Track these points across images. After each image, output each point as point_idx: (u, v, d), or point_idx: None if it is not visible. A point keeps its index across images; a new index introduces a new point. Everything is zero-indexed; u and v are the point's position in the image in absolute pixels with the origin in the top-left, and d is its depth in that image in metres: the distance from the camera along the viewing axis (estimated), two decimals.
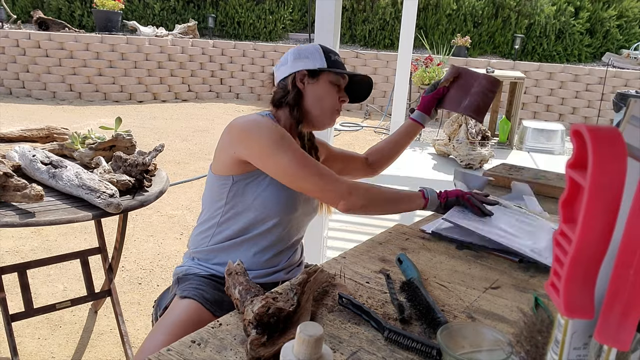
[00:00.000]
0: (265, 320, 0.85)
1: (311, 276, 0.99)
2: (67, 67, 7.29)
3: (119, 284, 2.66)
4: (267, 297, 0.89)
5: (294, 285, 0.96)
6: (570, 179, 0.37)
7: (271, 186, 1.31)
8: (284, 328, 0.88)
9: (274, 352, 0.81)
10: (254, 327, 0.84)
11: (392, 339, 0.89)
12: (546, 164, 5.27)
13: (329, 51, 1.40)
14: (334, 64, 1.38)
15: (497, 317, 1.00)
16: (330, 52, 1.40)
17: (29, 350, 2.15)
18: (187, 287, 1.34)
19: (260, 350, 0.81)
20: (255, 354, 0.80)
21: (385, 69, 7.69)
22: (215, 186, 1.35)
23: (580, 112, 7.29)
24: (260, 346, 0.81)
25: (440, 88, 1.61)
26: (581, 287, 0.35)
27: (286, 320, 0.89)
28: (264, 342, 0.82)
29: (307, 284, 0.97)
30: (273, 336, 0.85)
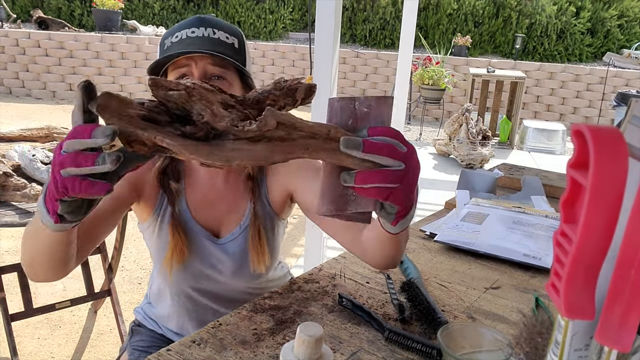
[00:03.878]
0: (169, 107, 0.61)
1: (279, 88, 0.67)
2: (66, 67, 7.28)
3: (119, 284, 2.65)
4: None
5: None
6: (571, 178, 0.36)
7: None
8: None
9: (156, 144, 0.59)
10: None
11: (392, 339, 0.89)
12: (547, 163, 5.26)
13: (166, 35, 1.05)
14: (169, 49, 1.02)
15: (498, 317, 1.00)
16: (168, 36, 1.04)
17: (29, 350, 2.15)
18: (137, 346, 1.23)
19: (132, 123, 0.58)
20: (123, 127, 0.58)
21: (386, 68, 7.69)
22: None
23: (581, 112, 7.28)
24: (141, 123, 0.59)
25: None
26: (582, 288, 0.35)
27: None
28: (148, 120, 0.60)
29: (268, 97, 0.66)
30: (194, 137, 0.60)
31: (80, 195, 0.60)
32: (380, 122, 0.67)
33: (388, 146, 0.64)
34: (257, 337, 0.91)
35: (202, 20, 1.04)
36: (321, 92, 2.67)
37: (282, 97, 0.65)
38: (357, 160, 0.64)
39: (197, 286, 1.14)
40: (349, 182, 0.64)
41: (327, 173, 0.67)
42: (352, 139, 0.63)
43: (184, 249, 1.09)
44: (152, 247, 1.15)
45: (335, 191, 0.67)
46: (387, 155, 0.64)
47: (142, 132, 0.57)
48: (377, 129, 0.65)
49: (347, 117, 0.66)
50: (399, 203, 0.67)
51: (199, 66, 1.00)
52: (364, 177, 0.64)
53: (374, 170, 0.64)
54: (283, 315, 0.97)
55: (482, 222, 1.36)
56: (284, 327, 0.93)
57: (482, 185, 1.61)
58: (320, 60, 2.64)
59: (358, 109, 0.66)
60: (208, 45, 1.00)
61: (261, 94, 0.65)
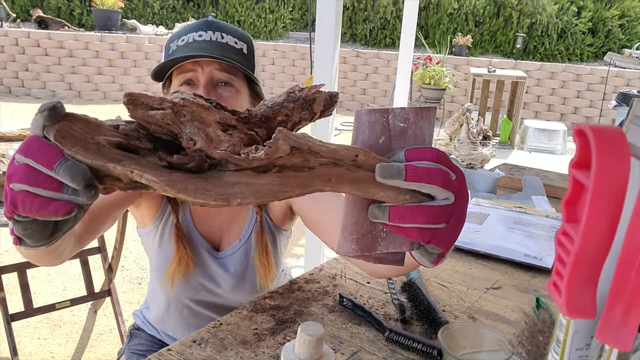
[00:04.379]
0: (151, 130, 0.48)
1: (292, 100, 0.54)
2: (66, 66, 7.28)
3: (119, 284, 2.65)
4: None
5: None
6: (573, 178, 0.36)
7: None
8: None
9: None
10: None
11: (393, 339, 0.89)
12: (548, 163, 5.26)
13: (172, 38, 1.01)
14: (174, 53, 0.97)
15: (499, 317, 0.99)
16: (173, 39, 1.00)
17: (29, 350, 2.15)
18: (136, 350, 1.21)
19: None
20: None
21: (386, 68, 7.69)
22: None
23: (582, 111, 7.28)
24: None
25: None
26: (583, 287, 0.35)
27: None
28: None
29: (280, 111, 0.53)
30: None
31: (32, 215, 0.46)
32: (420, 140, 0.53)
33: (440, 173, 0.49)
34: (257, 337, 0.91)
35: (210, 23, 1.00)
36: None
37: (297, 110, 0.53)
38: (394, 193, 0.50)
39: (196, 298, 1.11)
40: (380, 219, 0.51)
41: (351, 205, 0.54)
42: (391, 166, 0.48)
43: (189, 262, 1.05)
44: (152, 255, 1.12)
45: (361, 228, 0.53)
46: (440, 184, 0.49)
47: (114, 165, 0.44)
48: (417, 151, 0.50)
49: (377, 134, 0.52)
50: (444, 246, 0.53)
51: (205, 72, 0.95)
52: (402, 214, 0.50)
53: (415, 206, 0.50)
54: (284, 315, 0.97)
55: (483, 222, 1.36)
56: (284, 327, 0.93)
57: (483, 185, 1.61)
58: (320, 60, 2.64)
59: (392, 124, 0.52)
60: (216, 50, 0.95)
61: (271, 108, 0.52)
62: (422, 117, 0.53)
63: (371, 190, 0.50)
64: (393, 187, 0.50)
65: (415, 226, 0.50)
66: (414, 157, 0.50)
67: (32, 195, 0.45)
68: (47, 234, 0.50)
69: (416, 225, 0.50)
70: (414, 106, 0.52)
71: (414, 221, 0.50)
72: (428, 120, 0.53)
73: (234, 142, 0.47)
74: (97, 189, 0.45)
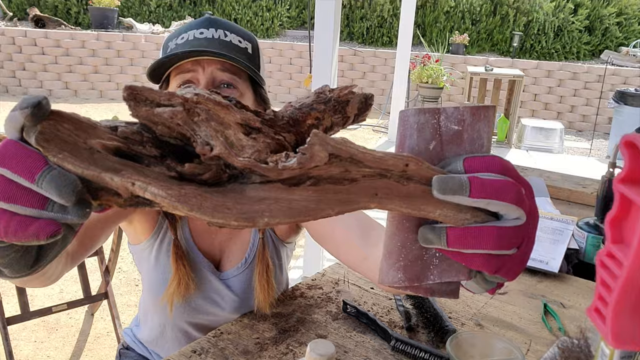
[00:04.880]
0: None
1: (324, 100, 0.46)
2: (63, 65, 7.23)
3: (116, 286, 2.62)
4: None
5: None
6: (620, 194, 0.33)
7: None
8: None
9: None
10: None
11: (399, 348, 0.86)
12: (545, 162, 5.25)
13: (171, 37, 0.94)
14: (173, 51, 0.90)
15: (506, 324, 0.97)
16: (172, 38, 0.93)
17: (25, 354, 2.12)
18: None
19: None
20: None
21: (384, 66, 7.66)
22: None
23: (579, 110, 7.27)
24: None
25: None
26: (631, 315, 0.32)
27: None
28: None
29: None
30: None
31: (8, 239, 0.37)
32: (478, 146, 0.45)
33: (512, 187, 0.41)
34: (259, 347, 0.88)
35: (212, 21, 0.93)
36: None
37: (329, 113, 0.46)
38: (452, 211, 0.42)
39: (194, 321, 1.02)
40: (435, 244, 0.42)
41: (396, 225, 0.46)
42: (453, 179, 0.40)
43: (189, 283, 0.96)
44: (146, 275, 1.03)
45: (410, 253, 0.45)
46: (513, 201, 0.40)
47: (111, 175, 0.36)
48: (477, 160, 0.42)
49: (427, 138, 0.44)
50: (512, 276, 0.44)
51: (206, 72, 0.88)
52: (464, 238, 0.41)
53: (481, 228, 0.41)
54: (286, 323, 0.95)
55: None
56: (287, 336, 0.91)
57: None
58: (320, 59, 2.61)
59: (444, 126, 0.44)
60: (218, 48, 0.88)
61: (299, 110, 0.44)
62: (480, 117, 0.45)
63: (424, 207, 0.41)
64: (451, 204, 0.41)
65: (481, 252, 0.41)
66: (474, 167, 0.42)
67: (8, 213, 0.36)
68: (29, 262, 0.41)
69: (482, 252, 0.41)
70: (470, 104, 0.44)
71: (480, 246, 0.41)
72: (486, 121, 0.45)
73: (260, 148, 0.39)
74: (90, 206, 0.37)
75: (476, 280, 0.45)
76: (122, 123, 0.39)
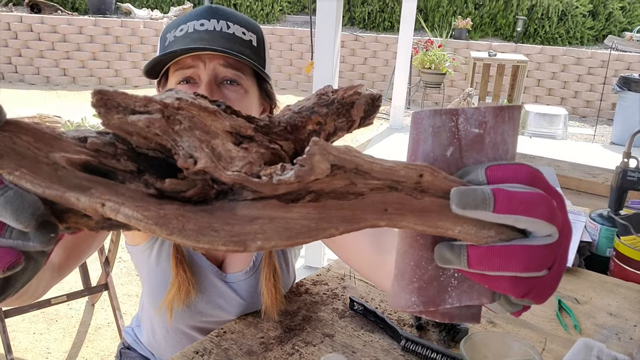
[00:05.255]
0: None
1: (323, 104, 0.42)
2: (60, 51, 7.15)
3: (117, 276, 2.60)
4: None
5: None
6: None
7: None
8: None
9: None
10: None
11: (409, 349, 0.83)
12: (549, 149, 5.20)
13: (169, 28, 0.87)
14: (171, 45, 0.83)
15: (520, 322, 0.94)
16: (171, 29, 0.86)
17: (24, 346, 2.10)
18: None
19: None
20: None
21: (385, 52, 7.57)
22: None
23: (583, 96, 7.20)
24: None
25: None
26: None
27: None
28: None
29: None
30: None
31: None
32: (502, 152, 0.39)
33: (543, 201, 0.36)
34: (264, 347, 0.85)
35: (213, 10, 0.85)
36: (323, 78, 2.59)
37: (332, 117, 0.41)
38: (473, 228, 0.37)
39: (197, 325, 0.97)
40: (454, 264, 0.37)
41: (410, 242, 0.41)
42: (474, 191, 0.35)
43: (190, 288, 0.90)
44: (145, 277, 0.97)
45: (425, 273, 0.40)
46: (544, 217, 0.36)
47: (77, 195, 0.31)
48: (502, 169, 0.37)
49: (444, 144, 0.39)
50: (541, 300, 0.39)
51: (208, 67, 0.81)
52: (488, 258, 0.36)
53: (507, 247, 0.36)
54: (291, 321, 0.91)
55: None
56: (292, 336, 0.87)
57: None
58: (321, 45, 2.55)
59: (463, 130, 0.39)
60: (220, 42, 0.81)
61: (299, 114, 0.40)
62: (504, 119, 0.39)
63: (442, 224, 0.36)
64: (473, 220, 0.36)
65: (508, 275, 0.36)
66: (498, 176, 0.37)
67: None
68: None
69: (509, 274, 0.36)
70: (493, 105, 0.39)
71: (507, 268, 0.36)
72: (512, 123, 0.39)
73: (252, 160, 0.34)
74: (56, 230, 0.32)
75: (500, 302, 0.41)
76: (92, 133, 0.34)
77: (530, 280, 0.37)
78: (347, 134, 0.43)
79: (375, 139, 5.50)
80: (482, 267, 0.36)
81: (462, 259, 0.36)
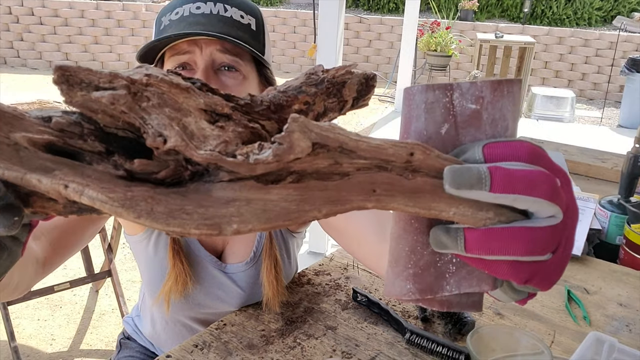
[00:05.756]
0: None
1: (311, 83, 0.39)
2: (62, 35, 7.09)
3: (120, 262, 2.59)
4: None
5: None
6: None
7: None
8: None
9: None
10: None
11: (414, 342, 0.81)
12: (555, 132, 5.14)
13: (164, 11, 0.83)
14: (166, 29, 0.80)
15: (528, 313, 0.91)
16: (166, 12, 0.83)
17: (28, 333, 2.10)
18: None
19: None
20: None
21: (390, 34, 7.48)
22: None
23: (590, 78, 7.10)
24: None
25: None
26: None
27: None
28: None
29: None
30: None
31: None
32: (501, 129, 0.36)
33: (545, 179, 0.33)
34: (265, 340, 0.83)
35: None
36: (326, 61, 2.55)
37: (321, 96, 0.38)
38: (470, 209, 0.34)
39: (196, 317, 0.95)
40: (450, 248, 0.35)
41: (402, 227, 0.38)
42: (469, 170, 0.33)
43: (187, 280, 0.88)
44: (143, 267, 0.95)
45: (420, 259, 0.37)
46: (546, 196, 0.33)
47: (38, 177, 0.29)
48: (500, 146, 0.34)
49: (438, 120, 0.37)
50: (546, 286, 0.36)
51: (204, 53, 0.78)
52: (486, 242, 0.34)
53: (507, 229, 0.34)
54: (293, 313, 0.89)
55: None
56: (294, 328, 0.85)
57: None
58: (325, 27, 2.51)
59: (458, 105, 0.36)
60: (217, 26, 0.78)
61: (284, 93, 0.37)
62: (503, 94, 0.36)
63: (436, 205, 0.34)
64: (469, 201, 0.34)
65: (508, 259, 0.34)
66: (497, 154, 0.34)
67: None
68: None
69: (509, 258, 0.34)
70: (490, 79, 0.36)
71: (507, 252, 0.33)
72: (511, 98, 0.37)
73: (227, 139, 0.31)
74: (20, 213, 0.30)
75: (503, 289, 0.38)
76: (57, 112, 0.31)
77: (532, 264, 0.34)
78: (341, 116, 0.40)
79: (380, 123, 5.46)
80: (481, 251, 0.34)
81: (459, 243, 0.34)
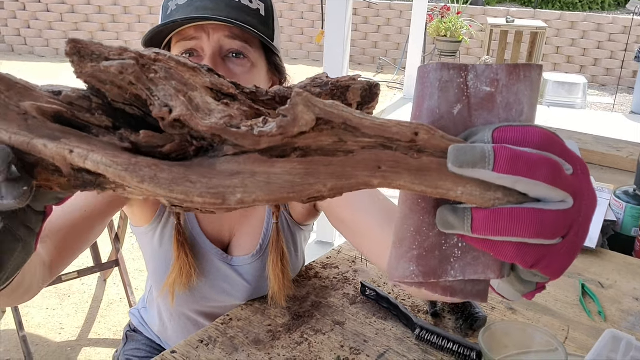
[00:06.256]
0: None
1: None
2: (69, 23, 7.07)
3: (128, 251, 2.59)
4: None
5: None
6: None
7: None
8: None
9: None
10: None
11: (424, 338, 0.79)
12: (567, 118, 5.07)
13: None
14: (172, 14, 0.78)
15: (541, 308, 0.89)
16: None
17: (37, 322, 2.10)
18: (132, 355, 1.07)
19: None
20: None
21: (399, 19, 7.38)
22: None
23: (603, 63, 6.98)
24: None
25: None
26: None
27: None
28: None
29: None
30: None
31: None
32: (516, 113, 0.36)
33: (545, 163, 0.32)
34: (271, 335, 0.81)
35: None
36: (334, 47, 2.51)
37: (325, 97, 0.38)
38: (478, 189, 0.33)
39: (202, 310, 0.94)
40: (456, 229, 0.34)
41: (409, 206, 0.37)
42: (472, 148, 0.32)
43: (191, 272, 0.87)
44: (148, 259, 0.95)
45: (425, 240, 0.36)
46: (546, 180, 0.32)
47: (44, 142, 0.29)
48: (511, 130, 0.33)
49: (451, 100, 0.36)
50: (555, 273, 0.35)
51: (212, 39, 0.75)
52: (494, 222, 0.33)
53: (516, 209, 0.33)
54: (300, 307, 0.87)
55: None
56: (301, 323, 0.84)
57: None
58: (333, 12, 2.46)
59: (473, 87, 0.36)
60: (225, 11, 0.75)
61: (289, 89, 0.38)
62: (519, 77, 0.36)
63: (442, 184, 0.33)
64: (476, 181, 0.33)
65: (515, 240, 0.33)
66: (506, 138, 0.33)
67: None
68: None
69: (516, 240, 0.33)
70: (505, 63, 0.35)
71: (514, 232, 0.32)
72: (528, 83, 0.36)
73: (232, 114, 0.31)
74: (30, 183, 0.29)
75: (510, 280, 0.38)
76: (68, 88, 0.32)
77: (540, 248, 0.33)
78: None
79: (389, 110, 5.41)
80: (487, 231, 0.33)
81: (465, 223, 0.33)
